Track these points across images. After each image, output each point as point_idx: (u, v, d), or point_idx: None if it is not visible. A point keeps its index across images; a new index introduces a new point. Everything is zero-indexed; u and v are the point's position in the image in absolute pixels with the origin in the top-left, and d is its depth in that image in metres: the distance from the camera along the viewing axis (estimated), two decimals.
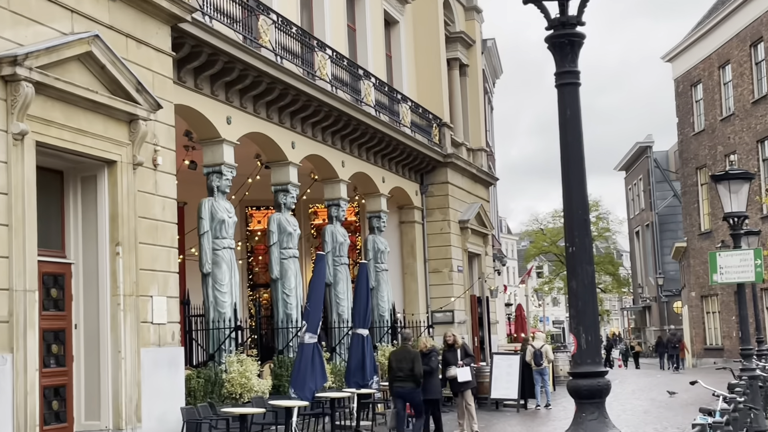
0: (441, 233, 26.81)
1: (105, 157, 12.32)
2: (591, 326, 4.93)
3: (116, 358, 12.25)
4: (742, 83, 37.69)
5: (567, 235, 5.08)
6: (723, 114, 39.48)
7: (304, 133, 19.53)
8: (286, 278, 18.44)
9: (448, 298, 26.36)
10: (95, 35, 11.85)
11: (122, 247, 12.39)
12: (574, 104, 5.13)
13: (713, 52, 40.22)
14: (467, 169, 28.85)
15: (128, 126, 12.61)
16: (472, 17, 31.18)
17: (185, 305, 16.41)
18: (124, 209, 12.47)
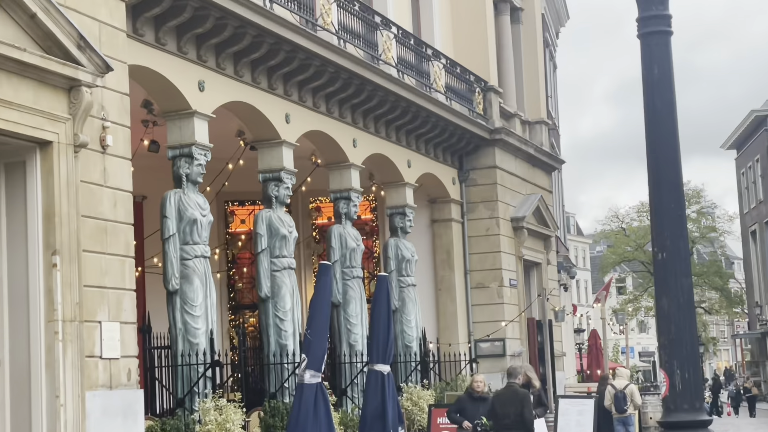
0: (487, 235, 26.79)
1: (36, 136, 12.27)
2: (688, 359, 4.92)
3: (53, 405, 12.21)
4: None
5: (655, 237, 5.07)
6: None
7: (302, 102, 19.54)
8: (279, 297, 18.45)
9: (498, 322, 26.30)
10: None
11: (60, 257, 12.36)
12: (664, 59, 5.12)
13: None
14: (522, 149, 28.81)
15: (68, 95, 12.56)
16: None
17: (145, 334, 16.46)
18: (62, 206, 12.42)
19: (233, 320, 24.87)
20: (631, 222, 77.20)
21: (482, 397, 15.90)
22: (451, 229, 26.37)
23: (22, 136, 12.17)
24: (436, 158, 25.51)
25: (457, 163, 26.78)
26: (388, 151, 22.94)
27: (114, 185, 13.43)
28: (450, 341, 25.53)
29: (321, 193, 23.92)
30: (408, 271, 23.37)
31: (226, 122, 18.00)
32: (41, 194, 12.42)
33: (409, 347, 22.88)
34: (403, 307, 23.05)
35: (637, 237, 73.15)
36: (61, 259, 12.37)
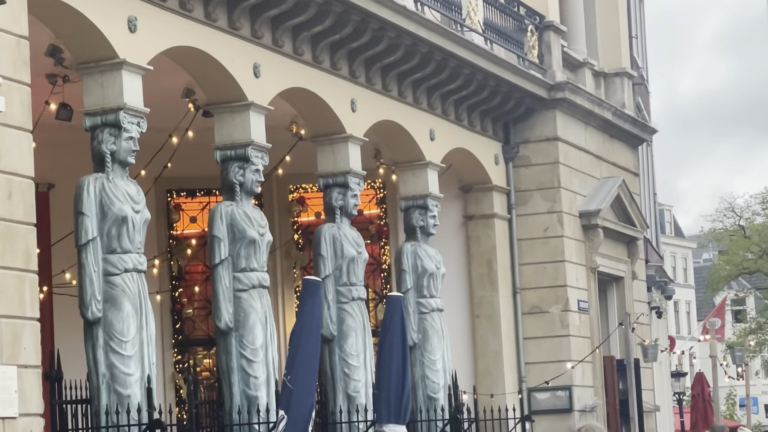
0: (546, 237, 26.88)
1: None
2: None
3: None
4: None
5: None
6: None
7: (276, 47, 19.55)
8: (246, 328, 18.46)
9: (562, 363, 26.37)
10: None
11: None
12: None
13: None
14: (595, 113, 28.87)
15: None
16: None
17: (54, 382, 16.49)
18: None
19: (179, 362, 24.85)
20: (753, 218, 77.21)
21: None
22: (493, 230, 26.42)
23: None
24: (471, 127, 25.55)
25: (501, 134, 26.83)
26: (401, 116, 22.94)
27: (8, 169, 13.47)
28: (493, 391, 25.55)
29: (306, 179, 23.97)
30: (432, 290, 23.38)
31: (169, 77, 18.05)
32: None
33: (433, 399, 22.90)
34: (425, 341, 23.08)
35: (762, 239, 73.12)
36: None
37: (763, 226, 74.03)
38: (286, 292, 24.71)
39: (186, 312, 25.18)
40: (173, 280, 25.00)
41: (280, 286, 23.83)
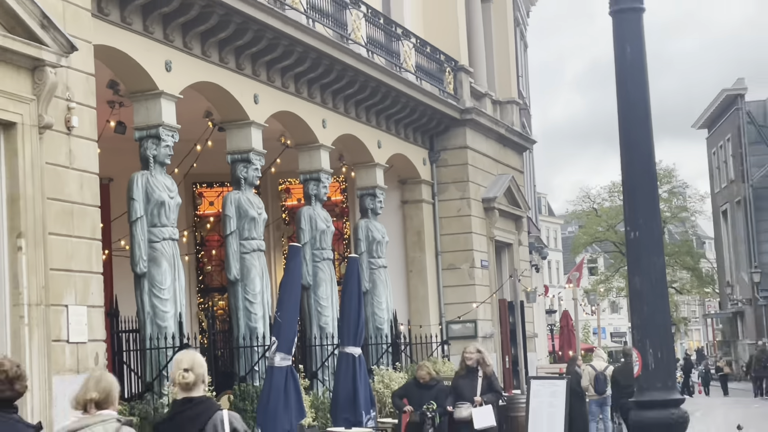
0: (458, 216, 26.82)
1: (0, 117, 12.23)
2: (661, 339, 4.93)
3: None
4: None
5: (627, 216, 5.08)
6: None
7: (270, 82, 19.47)
8: (248, 280, 18.42)
9: (469, 303, 26.36)
10: None
11: (26, 240, 12.30)
12: (636, 38, 5.12)
13: None
14: (493, 129, 28.84)
15: (32, 75, 12.47)
16: None
17: (113, 317, 16.40)
18: (27, 188, 12.35)
19: (202, 303, 24.80)
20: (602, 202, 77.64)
21: (428, 386, 15.39)
22: (422, 210, 26.39)
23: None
24: (406, 138, 25.50)
25: (427, 143, 26.77)
26: (358, 131, 22.91)
27: (80, 167, 13.36)
28: (421, 323, 25.57)
29: (290, 175, 23.88)
30: (379, 253, 23.38)
31: (193, 103, 17.92)
32: (5, 177, 12.33)
33: (380, 329, 22.91)
34: (374, 289, 23.07)
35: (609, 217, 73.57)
36: (27, 242, 12.30)
37: (609, 208, 74.36)
38: (277, 254, 24.62)
39: (206, 268, 25.09)
40: (197, 246, 24.90)
41: (272, 250, 23.73)
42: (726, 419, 30.04)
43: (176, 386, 6.96)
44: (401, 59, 24.02)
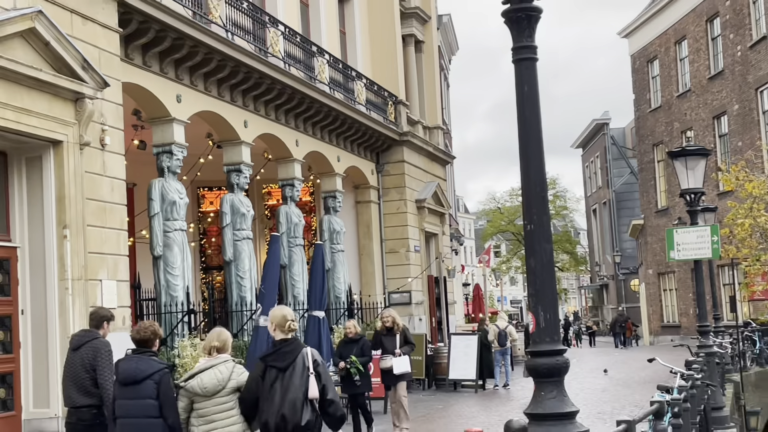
0: (397, 213, 26.83)
1: (50, 137, 12.13)
2: (550, 304, 4.95)
3: (65, 344, 12.05)
4: (698, 59, 38.10)
5: (525, 212, 5.09)
6: (679, 90, 39.93)
7: (256, 112, 19.40)
8: (239, 260, 18.34)
9: (405, 278, 26.43)
10: (39, 11, 11.63)
11: (70, 230, 12.22)
12: (532, 79, 5.13)
13: (669, 28, 40.60)
14: (424, 148, 28.88)
15: (74, 105, 12.41)
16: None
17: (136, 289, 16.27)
18: (71, 191, 12.29)
19: (204, 278, 24.62)
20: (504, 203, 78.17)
21: (353, 339, 14.84)
22: (370, 209, 26.38)
23: (39, 137, 12.05)
24: (359, 155, 25.47)
25: (374, 158, 26.76)
26: (322, 149, 22.85)
27: (111, 175, 13.29)
28: (369, 293, 25.58)
29: (271, 181, 23.78)
30: (338, 241, 23.34)
31: (198, 126, 17.80)
32: (54, 182, 12.29)
33: (338, 298, 22.89)
34: (334, 267, 23.04)
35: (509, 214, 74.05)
36: (70, 232, 12.25)
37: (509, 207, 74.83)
38: (261, 242, 24.49)
39: (207, 252, 24.91)
40: (200, 235, 24.74)
41: (257, 239, 23.59)
42: (595, 364, 30.35)
43: (280, 330, 7.34)
44: (355, 95, 24.00)
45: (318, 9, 24.07)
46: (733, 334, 23.76)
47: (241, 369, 7.34)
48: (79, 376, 8.49)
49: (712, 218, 21.01)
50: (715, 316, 23.53)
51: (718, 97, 36.33)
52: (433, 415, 17.40)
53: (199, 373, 7.19)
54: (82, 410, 8.43)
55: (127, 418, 7.35)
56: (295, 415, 6.95)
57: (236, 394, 7.17)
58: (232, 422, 7.09)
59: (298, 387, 7.02)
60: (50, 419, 12.04)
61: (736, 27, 34.74)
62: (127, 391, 7.40)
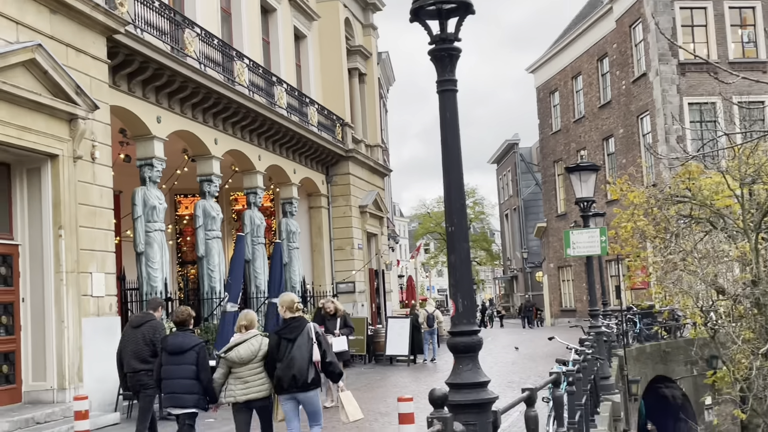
0: (344, 216, 26.81)
1: (48, 151, 11.96)
2: (467, 293, 4.99)
3: (60, 327, 11.92)
4: (590, 91, 38.74)
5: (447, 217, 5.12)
6: (575, 116, 40.54)
7: (225, 131, 19.23)
8: (210, 256, 18.15)
9: (350, 271, 26.41)
10: (38, 44, 11.46)
11: (64, 230, 12.04)
12: (453, 107, 5.18)
13: (567, 65, 41.22)
14: (366, 162, 28.89)
15: (68, 124, 12.24)
16: (369, 33, 31.19)
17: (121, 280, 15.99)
18: (65, 197, 12.11)
19: (180, 271, 24.30)
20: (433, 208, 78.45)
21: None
22: (321, 213, 26.32)
23: (38, 151, 11.88)
24: (312, 168, 25.39)
25: (325, 171, 26.69)
26: (281, 163, 22.73)
27: (100, 184, 13.10)
28: (320, 283, 25.51)
29: (238, 189, 23.56)
30: (294, 240, 23.25)
31: (175, 143, 17.61)
32: (51, 189, 12.12)
33: (294, 287, 22.77)
34: (291, 262, 22.94)
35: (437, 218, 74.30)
36: (65, 232, 12.07)
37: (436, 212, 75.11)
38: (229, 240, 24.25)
39: (183, 249, 24.58)
40: (177, 234, 24.39)
41: (226, 238, 23.35)
42: (507, 342, 30.61)
43: (288, 310, 7.86)
44: (309, 118, 23.92)
45: (277, 46, 23.99)
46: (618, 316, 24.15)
47: (266, 341, 7.81)
48: (140, 347, 9.06)
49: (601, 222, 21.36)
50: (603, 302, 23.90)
51: (607, 123, 36.97)
52: (373, 386, 17.38)
53: (236, 346, 7.69)
54: (140, 374, 9.05)
55: (172, 379, 8.01)
56: (303, 374, 7.57)
57: (262, 361, 7.71)
58: (262, 382, 7.67)
59: (304, 353, 7.60)
60: (46, 391, 11.85)
61: (621, 65, 35.40)
62: (174, 358, 8.02)
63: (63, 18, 12.28)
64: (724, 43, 32.00)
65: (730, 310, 19.33)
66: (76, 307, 12.12)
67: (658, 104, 31.72)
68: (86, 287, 12.47)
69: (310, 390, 7.65)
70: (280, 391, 7.67)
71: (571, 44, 40.43)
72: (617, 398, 13.74)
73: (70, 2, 12.21)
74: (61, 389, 11.79)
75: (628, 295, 33.29)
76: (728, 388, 19.43)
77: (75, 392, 11.42)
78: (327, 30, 27.38)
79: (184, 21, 17.03)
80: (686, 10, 32.15)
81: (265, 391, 7.69)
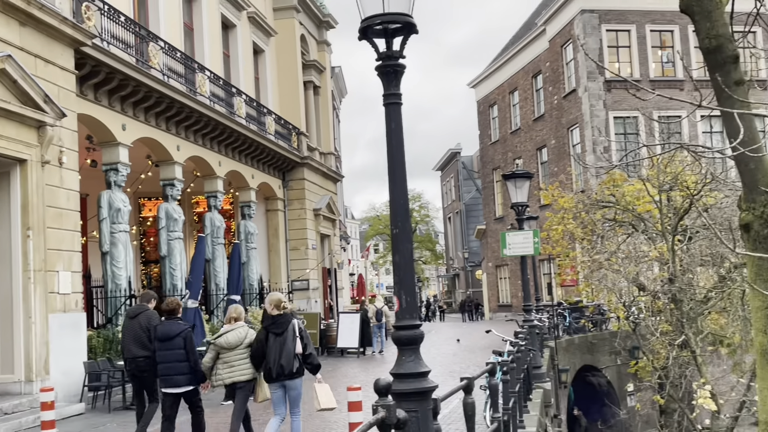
0: (299, 219, 26.71)
1: (17, 156, 11.72)
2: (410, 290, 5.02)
3: (27, 323, 11.68)
4: (526, 105, 39.26)
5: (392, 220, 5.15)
6: (512, 128, 41.04)
7: (187, 139, 19.02)
8: (172, 256, 17.92)
9: (305, 270, 26.31)
10: (8, 55, 11.22)
11: (32, 231, 11.80)
12: (398, 119, 5.21)
13: (505, 81, 41.71)
14: (319, 168, 28.83)
15: (37, 131, 12.00)
16: (323, 49, 31.16)
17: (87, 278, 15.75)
18: (34, 200, 11.88)
19: (144, 270, 23.94)
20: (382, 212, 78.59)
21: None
22: (278, 216, 26.17)
23: (8, 156, 11.65)
24: (269, 173, 25.24)
25: (281, 176, 26.57)
26: (241, 169, 22.56)
27: (67, 187, 12.86)
28: (276, 281, 25.37)
29: (199, 193, 23.32)
30: (252, 240, 23.08)
31: (139, 149, 17.36)
32: (20, 192, 11.91)
33: (252, 285, 22.63)
34: (249, 261, 22.77)
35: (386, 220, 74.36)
36: (33, 232, 11.84)
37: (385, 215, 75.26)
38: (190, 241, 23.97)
39: (146, 249, 24.21)
40: (141, 235, 24.02)
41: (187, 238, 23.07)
42: (449, 335, 30.80)
43: (276, 308, 8.09)
44: (266, 127, 23.78)
45: (237, 59, 23.81)
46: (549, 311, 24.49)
47: (253, 331, 8.31)
48: (139, 335, 9.28)
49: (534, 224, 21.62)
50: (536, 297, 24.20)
51: (540, 134, 37.50)
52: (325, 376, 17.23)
53: (225, 333, 8.22)
54: (139, 359, 9.23)
55: (165, 362, 8.40)
56: (289, 364, 8.01)
57: (248, 348, 8.19)
58: (246, 367, 8.19)
59: (290, 346, 8.02)
60: (14, 383, 11.60)
61: (553, 82, 35.95)
62: (164, 344, 8.41)
63: (32, 30, 12.03)
64: (646, 63, 32.73)
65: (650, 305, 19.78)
66: (44, 304, 11.88)
67: (587, 118, 32.30)
68: (53, 285, 12.22)
69: (295, 378, 8.08)
70: (270, 380, 8.09)
71: (509, 62, 40.92)
72: (548, 386, 13.93)
73: (38, 15, 11.98)
74: (29, 381, 11.54)
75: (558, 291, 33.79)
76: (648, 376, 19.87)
77: (42, 384, 11.19)
78: (284, 45, 27.27)
79: (149, 35, 16.82)
80: (612, 33, 32.80)
81: (249, 375, 8.19)
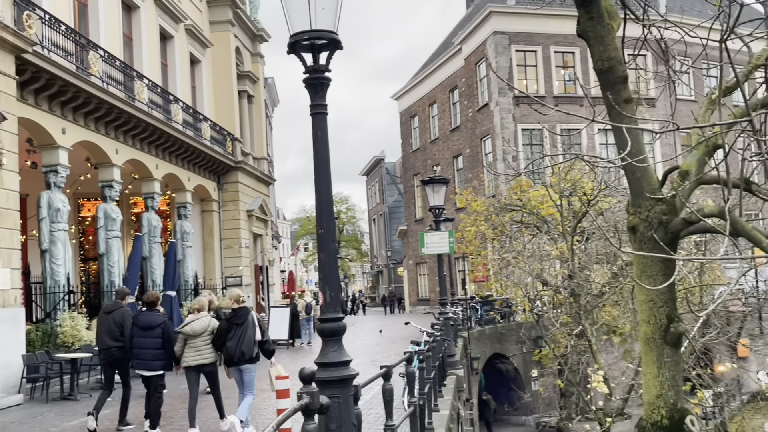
0: (233, 219, 26.36)
1: None
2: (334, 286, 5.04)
3: None
4: (444, 117, 39.80)
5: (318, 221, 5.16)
6: (431, 137, 41.53)
7: (125, 143, 18.52)
8: (110, 254, 17.40)
9: (238, 267, 25.98)
10: None
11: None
12: (324, 127, 5.22)
13: (425, 95, 42.18)
14: (253, 172, 28.51)
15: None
16: (257, 61, 30.86)
17: (27, 275, 15.14)
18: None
19: (83, 267, 23.17)
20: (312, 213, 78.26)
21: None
22: (213, 216, 25.76)
23: None
24: (205, 176, 24.82)
25: (216, 179, 26.15)
26: (177, 171, 22.10)
27: (7, 188, 12.36)
28: (211, 278, 24.97)
29: (137, 194, 22.71)
30: (187, 239, 22.65)
31: (79, 152, 16.82)
32: None
33: (187, 281, 22.22)
34: (185, 259, 22.33)
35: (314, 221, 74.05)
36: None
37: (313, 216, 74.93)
38: (128, 239, 23.32)
39: (85, 247, 23.44)
40: (80, 234, 23.25)
41: (125, 237, 22.44)
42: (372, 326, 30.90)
43: (236, 302, 8.68)
44: (202, 132, 23.38)
45: (175, 68, 23.35)
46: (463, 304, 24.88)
47: (215, 321, 8.79)
48: (112, 329, 9.57)
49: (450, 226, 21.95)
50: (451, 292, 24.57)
51: (456, 144, 38.08)
52: None
53: (191, 322, 8.67)
54: (112, 349, 9.54)
55: (142, 349, 8.79)
56: (249, 351, 8.56)
57: (211, 335, 8.64)
58: (210, 351, 8.67)
59: (251, 335, 8.56)
60: None
61: (468, 96, 36.56)
62: (144, 332, 8.80)
63: None
64: (551, 81, 33.64)
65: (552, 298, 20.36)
66: None
67: (497, 129, 32.98)
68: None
69: (252, 362, 8.61)
70: (230, 364, 8.57)
71: (428, 77, 41.39)
72: (461, 372, 14.16)
73: None
74: None
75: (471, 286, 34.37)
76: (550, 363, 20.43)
77: None
78: (220, 56, 26.88)
79: (89, 44, 16.31)
80: (521, 53, 33.58)
81: (212, 359, 8.67)
